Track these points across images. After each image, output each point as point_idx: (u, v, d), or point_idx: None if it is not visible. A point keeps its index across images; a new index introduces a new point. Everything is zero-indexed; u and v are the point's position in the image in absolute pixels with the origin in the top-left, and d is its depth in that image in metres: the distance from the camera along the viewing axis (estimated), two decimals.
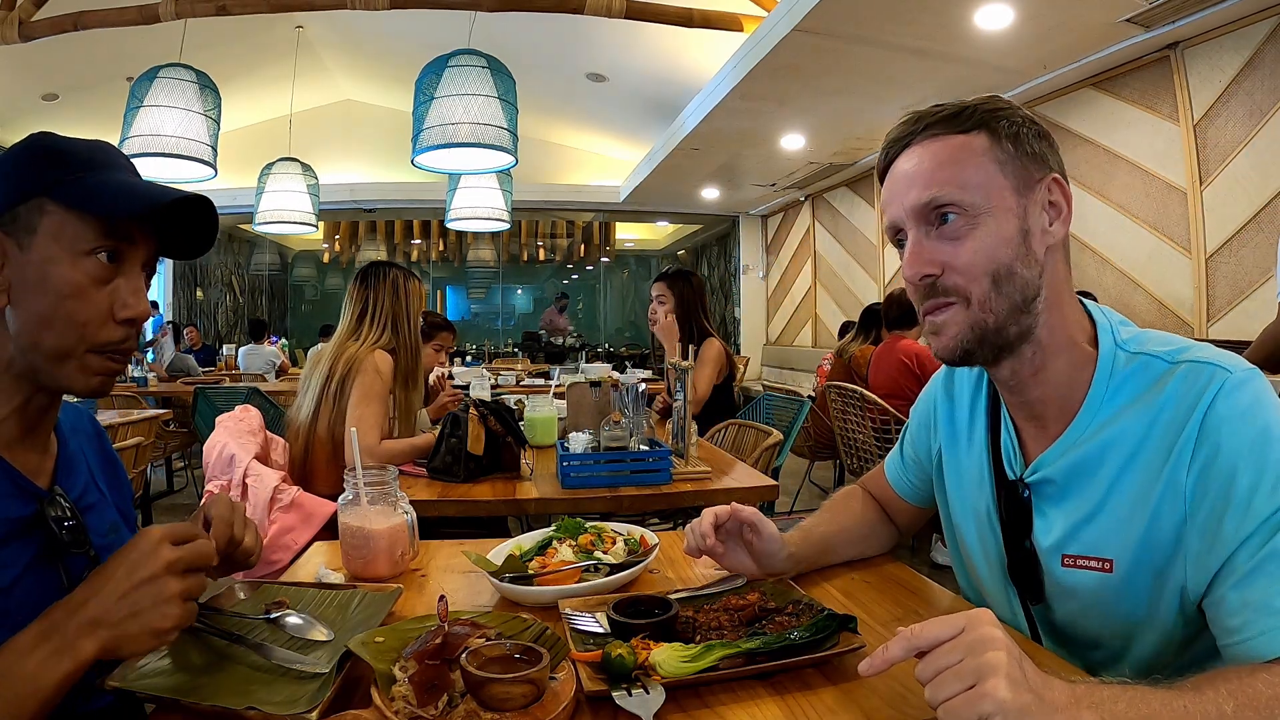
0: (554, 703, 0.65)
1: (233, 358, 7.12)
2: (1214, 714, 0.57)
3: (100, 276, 0.71)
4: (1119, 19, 3.50)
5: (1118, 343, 0.81)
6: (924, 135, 0.80)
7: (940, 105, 0.82)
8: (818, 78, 4.33)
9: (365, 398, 2.02)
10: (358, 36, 7.09)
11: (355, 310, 2.20)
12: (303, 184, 4.98)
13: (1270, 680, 0.60)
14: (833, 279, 7.57)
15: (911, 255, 0.79)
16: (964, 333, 0.79)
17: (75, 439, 0.83)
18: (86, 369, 0.72)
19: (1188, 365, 0.75)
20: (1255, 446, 0.69)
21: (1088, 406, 0.80)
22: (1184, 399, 0.73)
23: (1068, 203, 0.81)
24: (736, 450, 2.53)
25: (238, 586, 0.90)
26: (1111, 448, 0.78)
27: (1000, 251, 0.77)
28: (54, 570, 0.72)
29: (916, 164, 0.80)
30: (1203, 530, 0.71)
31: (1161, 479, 0.74)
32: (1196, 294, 3.70)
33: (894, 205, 0.81)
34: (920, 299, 0.81)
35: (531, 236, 12.27)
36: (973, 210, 0.77)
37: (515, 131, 2.86)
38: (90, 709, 0.73)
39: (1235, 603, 0.67)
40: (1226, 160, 3.53)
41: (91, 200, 0.70)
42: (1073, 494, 0.81)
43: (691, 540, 0.97)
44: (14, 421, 0.73)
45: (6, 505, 0.70)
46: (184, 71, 3.29)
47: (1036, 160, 0.79)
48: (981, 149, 0.78)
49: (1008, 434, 0.89)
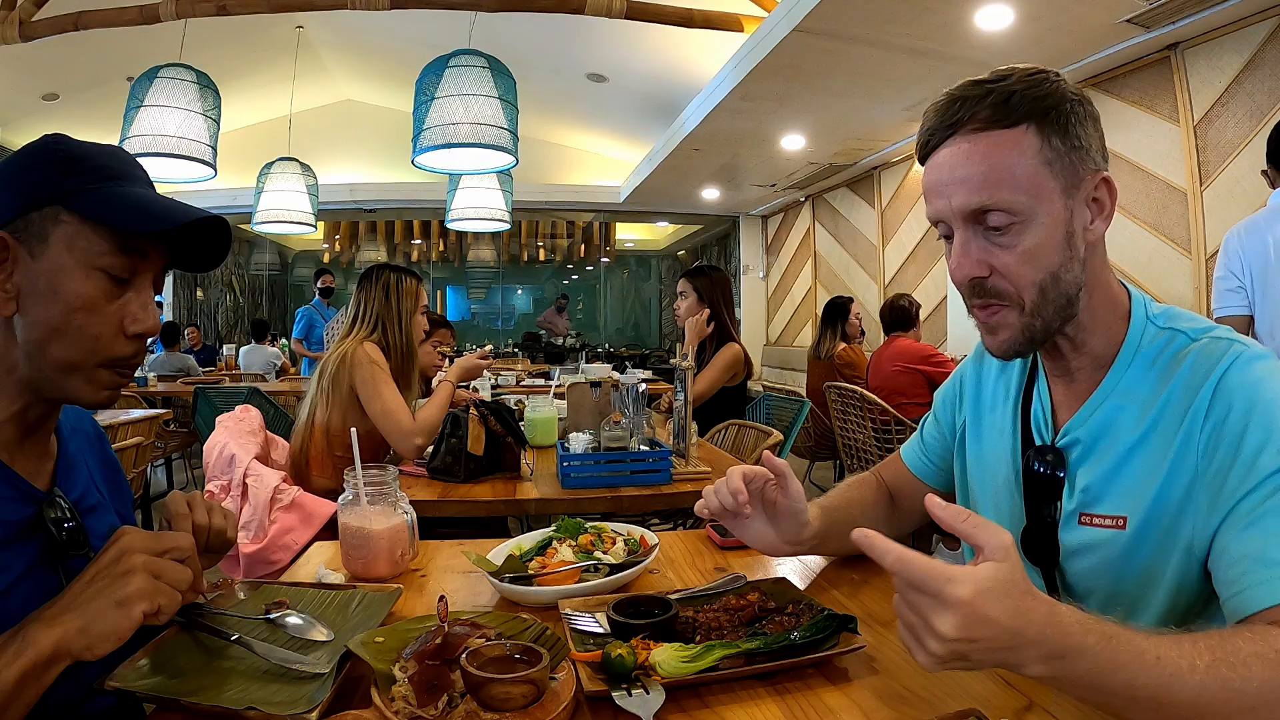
0: (554, 703, 0.65)
1: (233, 358, 7.12)
2: (1185, 667, 0.57)
3: (112, 290, 0.70)
4: (1119, 19, 3.49)
5: (1149, 316, 0.85)
6: (969, 126, 0.78)
7: (982, 84, 0.78)
8: (818, 78, 4.33)
9: (376, 390, 2.04)
10: (358, 36, 7.09)
11: (352, 312, 2.25)
12: (302, 184, 4.98)
13: (1250, 637, 0.60)
14: (833, 279, 7.57)
15: (959, 258, 0.79)
16: (1016, 336, 0.81)
17: (75, 440, 0.83)
18: (94, 382, 0.71)
19: (1209, 339, 0.79)
20: (1265, 410, 0.72)
21: (1114, 371, 0.83)
22: (1200, 368, 0.77)
23: (1112, 200, 0.82)
24: (736, 450, 2.53)
25: (238, 586, 0.91)
26: (1132, 410, 0.81)
27: (1048, 257, 0.78)
28: (54, 573, 0.71)
29: (965, 162, 0.77)
30: (1209, 486, 0.73)
31: (1177, 440, 0.76)
32: (1196, 294, 3.70)
33: (939, 200, 0.80)
34: (969, 296, 0.82)
35: (531, 237, 12.27)
36: (1023, 215, 0.77)
37: (515, 131, 2.86)
38: (94, 710, 0.73)
39: (1235, 553, 0.69)
40: (1227, 161, 3.53)
41: (109, 214, 0.69)
42: (1096, 453, 0.83)
43: (715, 500, 0.92)
44: (13, 425, 0.72)
45: (4, 508, 0.69)
46: (184, 71, 3.29)
47: (1083, 155, 0.79)
48: (1031, 148, 0.76)
49: (1040, 401, 0.91)
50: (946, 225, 0.81)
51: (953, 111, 0.79)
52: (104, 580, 0.62)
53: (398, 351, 2.19)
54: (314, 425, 2.10)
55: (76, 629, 0.59)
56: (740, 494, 0.90)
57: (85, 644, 0.59)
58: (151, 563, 0.64)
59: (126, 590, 0.62)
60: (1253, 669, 0.57)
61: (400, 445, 2.02)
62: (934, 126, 0.80)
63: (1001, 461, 0.94)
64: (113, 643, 0.60)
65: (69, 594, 0.62)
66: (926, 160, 0.83)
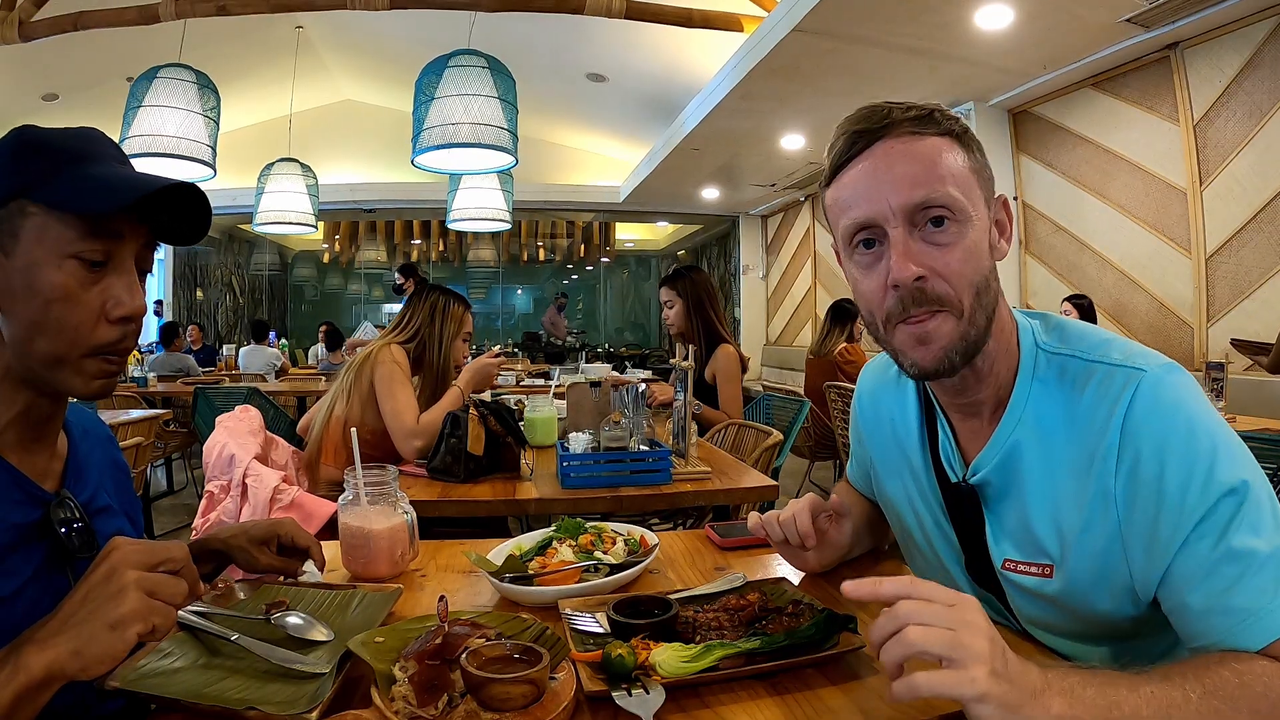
0: (554, 703, 0.65)
1: (233, 358, 7.12)
2: (1179, 699, 0.58)
3: (88, 277, 0.68)
4: (1119, 19, 3.50)
5: (1038, 343, 0.81)
6: (898, 131, 0.76)
7: (900, 104, 0.78)
8: (818, 78, 4.34)
9: (390, 389, 2.11)
10: (358, 36, 7.09)
11: (397, 319, 2.34)
12: (302, 184, 4.98)
13: (1238, 669, 0.61)
14: (833, 279, 7.57)
15: (901, 256, 0.74)
16: (954, 344, 0.76)
17: (87, 442, 0.82)
18: (83, 373, 0.70)
19: (1103, 369, 0.75)
20: (1178, 443, 0.69)
21: (1013, 406, 0.80)
22: (1101, 403, 0.73)
23: (1010, 224, 0.82)
24: (736, 450, 2.52)
25: (238, 586, 0.91)
26: (1033, 450, 0.78)
27: (980, 261, 0.76)
28: (63, 576, 0.70)
29: (901, 160, 0.75)
30: (1140, 533, 0.71)
31: (1090, 485, 0.74)
32: (1196, 294, 3.70)
33: (873, 201, 0.75)
34: (903, 305, 0.75)
35: (531, 236, 12.27)
36: (962, 217, 0.75)
37: (515, 131, 2.86)
38: (107, 711, 0.73)
39: (1197, 607, 0.67)
40: (1226, 160, 3.54)
41: (72, 199, 0.67)
42: (1008, 496, 0.81)
43: (778, 532, 0.96)
44: (17, 427, 0.71)
45: (11, 511, 0.68)
46: (184, 71, 3.29)
47: (990, 177, 0.80)
48: (960, 155, 0.77)
49: (945, 437, 0.88)
50: (873, 230, 0.77)
51: (879, 117, 0.77)
52: (96, 600, 0.59)
53: (433, 370, 2.26)
54: (333, 415, 2.17)
55: (69, 652, 0.57)
56: (810, 538, 0.94)
57: (79, 667, 0.57)
58: (144, 579, 0.61)
59: (120, 611, 0.58)
60: (1241, 702, 0.59)
61: (401, 445, 2.08)
62: (862, 129, 0.78)
63: (924, 500, 0.91)
64: (107, 665, 0.58)
65: (62, 612, 0.59)
66: (846, 167, 0.79)
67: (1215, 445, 0.68)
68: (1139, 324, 4.05)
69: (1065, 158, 4.48)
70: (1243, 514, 0.66)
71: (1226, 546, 0.65)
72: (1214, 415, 0.71)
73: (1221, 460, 0.67)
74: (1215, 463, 0.67)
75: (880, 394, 1.00)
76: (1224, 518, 0.66)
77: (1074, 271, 4.46)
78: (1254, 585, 0.64)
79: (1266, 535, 0.65)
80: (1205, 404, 0.72)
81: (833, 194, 0.82)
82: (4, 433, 0.71)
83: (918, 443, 0.92)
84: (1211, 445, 0.68)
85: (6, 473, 0.69)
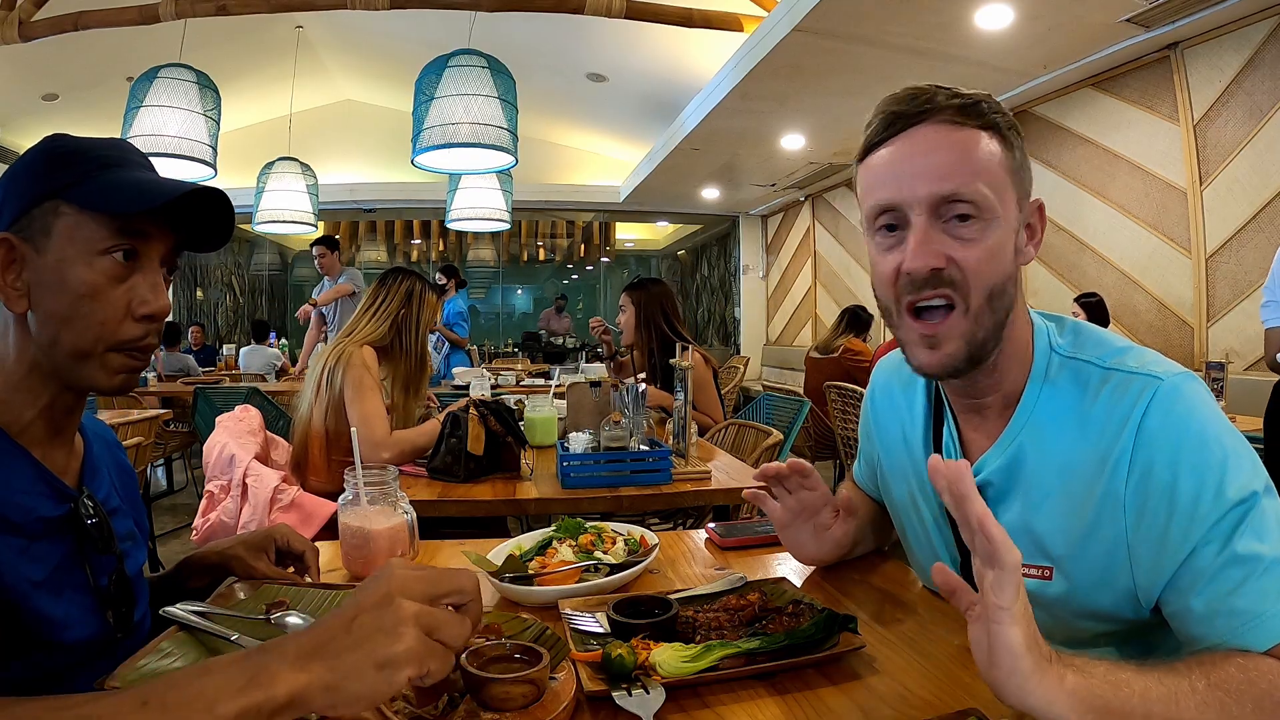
0: (554, 703, 0.65)
1: (233, 358, 7.12)
2: (1185, 689, 0.59)
3: (116, 275, 0.71)
4: (1119, 19, 3.50)
5: (1052, 346, 0.81)
6: (939, 117, 0.75)
7: (947, 89, 0.77)
8: (818, 78, 4.33)
9: (359, 395, 2.04)
10: (358, 36, 7.08)
11: (364, 305, 2.25)
12: (302, 184, 4.98)
13: (1243, 665, 0.62)
14: (833, 279, 7.57)
15: (919, 245, 0.73)
16: (961, 348, 0.76)
17: (98, 444, 0.84)
18: (107, 367, 0.72)
19: (1119, 375, 0.74)
20: (1191, 453, 0.69)
21: (1022, 408, 0.80)
22: (1115, 410, 0.73)
23: (1043, 229, 0.81)
24: (736, 450, 2.52)
25: (238, 586, 0.91)
26: (1044, 452, 0.78)
27: (1001, 264, 0.75)
28: (81, 571, 0.72)
29: (935, 148, 0.74)
30: (1149, 540, 0.70)
31: (1098, 490, 0.73)
32: (1196, 294, 3.70)
33: (900, 186, 0.75)
34: (918, 289, 0.75)
35: (531, 236, 12.27)
36: (989, 215, 0.74)
37: (515, 131, 2.86)
38: None
39: (1200, 610, 0.67)
40: (1226, 160, 3.53)
41: (103, 199, 0.70)
42: (1010, 498, 0.81)
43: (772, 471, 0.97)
44: (43, 421, 0.73)
45: (40, 504, 0.70)
46: (184, 71, 3.29)
47: (1028, 175, 0.79)
48: (998, 151, 0.75)
49: (950, 438, 0.87)
50: (896, 215, 0.76)
51: (921, 100, 0.76)
52: (366, 630, 0.50)
53: (411, 356, 2.21)
54: (313, 423, 2.11)
55: (323, 685, 0.49)
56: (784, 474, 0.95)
57: (329, 703, 0.49)
58: (426, 615, 0.52)
59: (395, 650, 0.49)
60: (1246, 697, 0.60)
61: (367, 455, 1.98)
62: (898, 113, 0.76)
63: (926, 499, 0.92)
64: (360, 709, 0.50)
65: (325, 630, 0.51)
66: (879, 147, 0.78)
67: (1226, 456, 0.69)
68: (1139, 324, 4.04)
69: (1065, 158, 4.48)
70: (1249, 521, 0.66)
71: (1232, 551, 0.66)
72: (1227, 425, 0.71)
73: (1232, 471, 0.68)
74: (1226, 474, 0.68)
75: (893, 389, 1.00)
76: (1231, 525, 0.66)
77: (1074, 271, 4.46)
78: (1258, 589, 0.64)
79: (1271, 541, 0.66)
80: (1219, 414, 0.72)
81: (862, 172, 0.81)
82: (30, 426, 0.72)
83: (923, 440, 0.92)
84: (1223, 456, 0.68)
85: (34, 467, 0.71)
